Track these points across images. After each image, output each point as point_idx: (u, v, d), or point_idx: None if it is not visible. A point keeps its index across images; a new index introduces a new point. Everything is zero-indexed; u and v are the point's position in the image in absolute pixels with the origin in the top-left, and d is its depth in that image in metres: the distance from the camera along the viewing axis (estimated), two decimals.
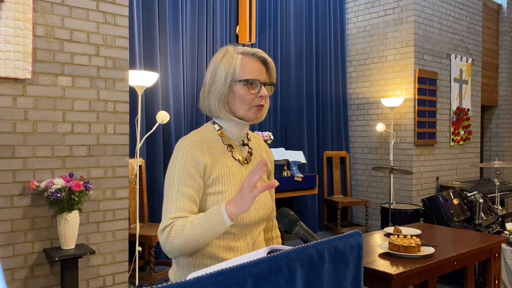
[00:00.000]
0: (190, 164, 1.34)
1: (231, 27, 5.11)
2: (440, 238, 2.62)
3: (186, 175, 1.33)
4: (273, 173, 1.62)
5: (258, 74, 1.39)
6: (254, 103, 1.39)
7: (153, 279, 3.58)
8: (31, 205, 2.70)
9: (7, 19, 2.58)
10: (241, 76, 1.37)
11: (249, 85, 1.37)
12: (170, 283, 0.66)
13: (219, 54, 1.42)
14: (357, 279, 0.97)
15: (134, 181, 3.58)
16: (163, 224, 1.30)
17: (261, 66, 1.41)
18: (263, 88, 1.39)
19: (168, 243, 1.27)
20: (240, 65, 1.37)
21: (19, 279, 2.66)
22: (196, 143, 1.37)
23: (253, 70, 1.38)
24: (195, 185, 1.33)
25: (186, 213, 1.30)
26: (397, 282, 1.95)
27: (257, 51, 1.41)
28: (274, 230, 1.64)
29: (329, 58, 6.09)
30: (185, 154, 1.35)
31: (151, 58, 4.31)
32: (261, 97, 1.39)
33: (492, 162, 4.90)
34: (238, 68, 1.37)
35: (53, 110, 2.79)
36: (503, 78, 7.56)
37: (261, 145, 1.59)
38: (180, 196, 1.31)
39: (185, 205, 1.30)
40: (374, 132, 5.97)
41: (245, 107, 1.39)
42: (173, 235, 1.26)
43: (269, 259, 0.77)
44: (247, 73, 1.37)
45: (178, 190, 1.32)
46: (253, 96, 1.38)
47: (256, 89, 1.38)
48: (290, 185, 4.64)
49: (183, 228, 1.25)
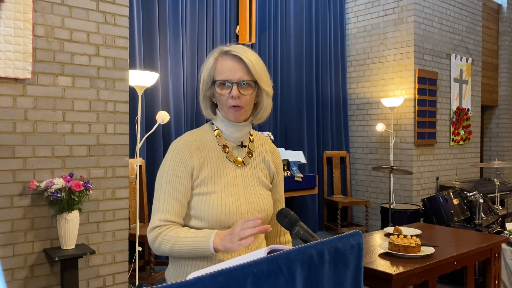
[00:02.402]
0: (178, 166, 1.36)
1: (231, 27, 5.11)
2: (440, 238, 2.62)
3: (174, 177, 1.36)
4: (281, 175, 1.57)
5: (230, 73, 1.34)
6: (228, 103, 1.36)
7: (153, 279, 3.58)
8: (31, 205, 2.70)
9: (7, 19, 2.58)
10: (215, 77, 1.37)
11: (222, 85, 1.36)
12: (170, 283, 0.66)
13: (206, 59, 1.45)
14: (357, 279, 0.97)
15: (134, 181, 3.58)
16: (152, 224, 1.36)
17: (236, 64, 1.34)
18: (234, 88, 1.33)
19: (156, 245, 1.35)
20: (214, 66, 1.38)
21: (19, 279, 2.66)
22: (185, 144, 1.39)
23: (225, 70, 1.35)
24: (182, 187, 1.36)
25: (174, 216, 1.35)
26: (397, 282, 1.95)
27: (231, 49, 1.36)
28: (283, 235, 1.57)
29: (329, 58, 6.09)
30: (174, 156, 1.38)
31: (151, 58, 4.31)
32: (233, 97, 1.34)
33: (492, 162, 4.90)
34: (213, 69, 1.38)
35: (53, 110, 2.79)
36: (503, 78, 7.56)
37: (266, 147, 1.54)
38: (167, 197, 1.35)
39: (172, 207, 1.35)
40: (374, 132, 5.97)
41: (224, 109, 1.38)
42: (164, 243, 1.33)
43: (269, 259, 0.77)
44: (218, 73, 1.36)
45: (165, 191, 1.36)
46: (225, 97, 1.35)
47: (227, 89, 1.35)
48: (290, 185, 4.64)
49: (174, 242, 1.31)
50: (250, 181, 1.43)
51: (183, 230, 1.33)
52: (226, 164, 1.41)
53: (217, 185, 1.37)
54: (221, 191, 1.37)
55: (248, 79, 1.35)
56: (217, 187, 1.37)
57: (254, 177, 1.45)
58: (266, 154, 1.53)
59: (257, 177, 1.46)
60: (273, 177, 1.54)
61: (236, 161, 1.43)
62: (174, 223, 1.35)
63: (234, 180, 1.40)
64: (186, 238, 1.30)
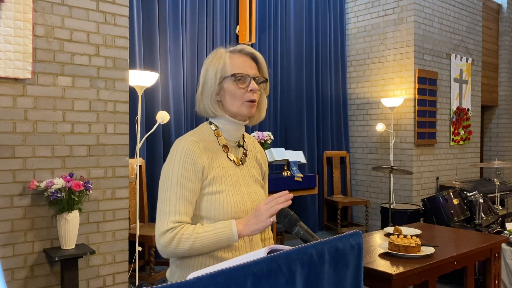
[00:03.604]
0: (189, 166, 1.34)
1: (231, 27, 5.11)
2: (440, 238, 2.62)
3: (185, 178, 1.34)
4: (267, 174, 1.62)
5: (247, 68, 1.39)
6: (245, 97, 1.38)
7: (153, 279, 3.58)
8: (31, 205, 2.70)
9: (7, 19, 2.58)
10: (229, 72, 1.38)
11: (237, 80, 1.37)
12: (170, 283, 0.66)
13: (210, 55, 1.44)
14: (357, 279, 0.97)
15: (134, 181, 3.58)
16: (163, 227, 1.30)
17: (250, 61, 1.41)
18: (252, 82, 1.38)
19: (172, 247, 1.29)
20: (228, 61, 1.38)
21: (19, 279, 2.66)
22: (194, 144, 1.37)
23: (241, 65, 1.38)
24: (193, 187, 1.35)
25: (185, 216, 1.32)
26: (397, 282, 1.95)
27: (244, 47, 1.42)
28: (266, 231, 1.63)
29: (329, 58, 6.09)
30: (183, 156, 1.35)
31: (151, 58, 4.31)
32: (251, 91, 1.38)
33: (492, 162, 4.90)
34: (226, 65, 1.38)
35: (53, 110, 2.79)
36: (503, 78, 7.56)
37: (256, 146, 1.59)
38: (179, 199, 1.32)
39: (184, 208, 1.32)
40: (374, 132, 5.97)
41: (237, 103, 1.39)
42: (182, 242, 1.28)
43: (269, 259, 0.77)
44: (234, 68, 1.38)
45: (176, 193, 1.33)
46: (243, 91, 1.37)
47: (245, 83, 1.37)
48: (290, 185, 4.63)
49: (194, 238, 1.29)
50: (248, 180, 1.46)
51: (198, 226, 1.32)
52: (228, 163, 1.43)
53: (224, 184, 1.38)
54: (228, 190, 1.38)
55: (260, 76, 1.42)
56: (224, 186, 1.38)
57: (250, 176, 1.48)
58: (257, 153, 1.57)
59: (253, 175, 1.49)
60: (264, 175, 1.59)
61: (235, 160, 1.45)
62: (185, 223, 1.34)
63: (237, 179, 1.42)
64: (206, 232, 1.29)
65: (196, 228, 1.31)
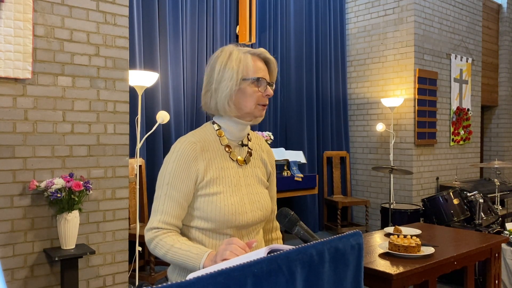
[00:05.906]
0: (182, 169, 1.35)
1: (231, 27, 5.11)
2: (440, 238, 2.62)
3: (176, 179, 1.35)
4: (274, 174, 1.61)
5: (264, 73, 1.42)
6: (260, 101, 1.41)
7: (153, 279, 3.58)
8: (31, 205, 2.70)
9: (7, 19, 2.58)
10: (251, 75, 1.38)
11: (257, 83, 1.39)
12: (170, 283, 0.66)
13: (224, 53, 1.40)
14: (357, 279, 0.97)
15: (134, 181, 3.58)
16: (151, 224, 1.37)
17: (265, 66, 1.44)
18: (268, 88, 1.42)
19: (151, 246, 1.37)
20: (250, 64, 1.39)
21: (19, 279, 2.66)
22: (190, 146, 1.37)
23: (260, 69, 1.41)
24: (185, 189, 1.36)
25: (172, 218, 1.35)
26: (397, 282, 1.95)
27: (262, 52, 1.44)
28: (274, 232, 1.63)
29: (329, 58, 6.09)
30: (178, 158, 1.36)
31: (151, 58, 4.31)
32: (267, 95, 1.42)
33: (492, 162, 4.90)
34: (248, 67, 1.39)
35: (53, 110, 2.79)
36: (503, 78, 7.56)
37: (262, 146, 1.57)
38: (168, 199, 1.35)
39: (171, 210, 1.35)
40: (374, 132, 5.97)
41: (251, 105, 1.40)
42: (158, 248, 1.34)
43: (269, 259, 0.77)
44: (257, 71, 1.40)
45: (166, 193, 1.36)
46: (260, 94, 1.40)
47: (262, 87, 1.40)
48: (290, 185, 4.64)
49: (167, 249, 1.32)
50: (251, 180, 1.45)
51: (179, 240, 1.33)
52: (229, 164, 1.42)
53: (222, 185, 1.38)
54: (226, 191, 1.37)
55: (271, 81, 1.45)
56: (222, 188, 1.37)
57: (254, 176, 1.47)
58: (263, 153, 1.56)
59: (256, 176, 1.48)
60: (269, 175, 1.57)
61: (238, 160, 1.44)
62: (172, 227, 1.36)
63: (237, 179, 1.41)
64: (179, 250, 1.30)
65: (175, 241, 1.33)
